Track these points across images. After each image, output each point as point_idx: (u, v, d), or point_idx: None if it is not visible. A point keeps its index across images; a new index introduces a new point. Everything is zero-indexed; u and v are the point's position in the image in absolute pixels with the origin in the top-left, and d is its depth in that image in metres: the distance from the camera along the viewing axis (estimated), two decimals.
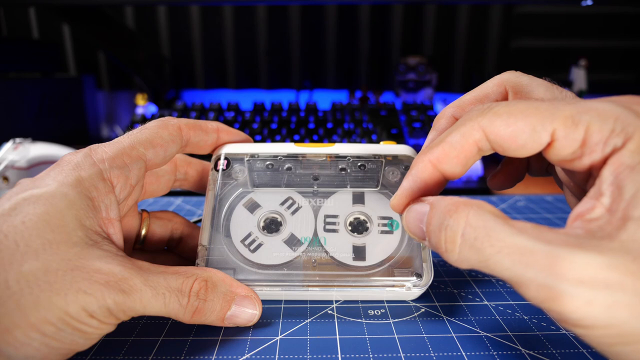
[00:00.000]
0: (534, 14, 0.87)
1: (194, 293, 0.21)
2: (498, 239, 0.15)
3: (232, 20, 0.89)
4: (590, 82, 0.71)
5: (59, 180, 0.20)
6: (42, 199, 0.19)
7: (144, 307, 0.19)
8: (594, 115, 0.16)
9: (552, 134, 0.16)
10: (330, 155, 0.27)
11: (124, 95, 0.95)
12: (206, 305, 0.21)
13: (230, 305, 0.22)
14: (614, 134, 0.16)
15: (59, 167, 0.21)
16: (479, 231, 0.16)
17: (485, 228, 0.16)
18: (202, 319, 0.21)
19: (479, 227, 0.16)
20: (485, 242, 0.16)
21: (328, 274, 0.24)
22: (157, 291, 0.19)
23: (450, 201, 0.17)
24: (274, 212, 0.26)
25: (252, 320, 0.23)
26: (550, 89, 0.21)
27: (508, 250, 0.15)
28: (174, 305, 0.20)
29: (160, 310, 0.19)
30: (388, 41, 0.90)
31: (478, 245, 0.16)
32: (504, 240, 0.15)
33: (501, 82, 0.23)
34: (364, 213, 0.26)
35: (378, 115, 0.60)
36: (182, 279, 0.20)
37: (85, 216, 0.19)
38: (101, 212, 0.21)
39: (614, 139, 0.16)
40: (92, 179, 0.21)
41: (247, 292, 0.23)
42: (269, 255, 0.25)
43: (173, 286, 0.20)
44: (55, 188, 0.19)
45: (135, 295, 0.18)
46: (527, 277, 0.15)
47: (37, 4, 0.80)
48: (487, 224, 0.16)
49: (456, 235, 0.16)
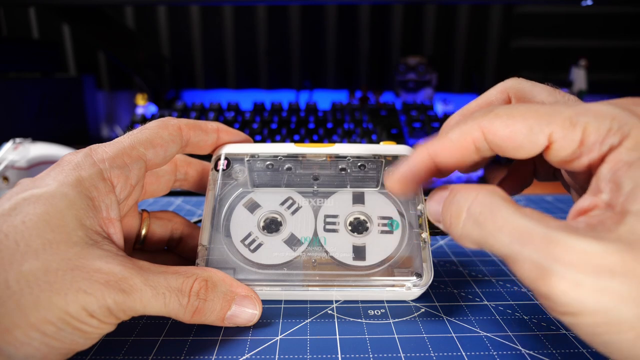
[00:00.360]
0: (534, 14, 0.87)
1: (194, 293, 0.21)
2: (501, 216, 0.16)
3: (232, 20, 0.89)
4: (590, 82, 0.71)
5: (59, 180, 0.20)
6: (42, 198, 0.19)
7: (144, 306, 0.19)
8: (591, 116, 0.16)
9: (550, 135, 0.17)
10: (330, 156, 0.27)
11: (124, 95, 0.95)
12: (206, 305, 0.21)
13: (231, 305, 0.22)
14: (610, 132, 0.16)
15: (59, 167, 0.21)
16: (484, 207, 0.17)
17: (491, 205, 0.17)
18: (202, 319, 0.21)
19: (485, 204, 0.17)
20: (489, 218, 0.16)
21: (328, 273, 0.24)
22: (157, 291, 0.19)
23: (467, 185, 0.18)
24: (274, 212, 0.26)
25: (252, 320, 0.23)
26: (552, 93, 0.22)
27: (509, 228, 0.16)
28: (174, 305, 0.20)
29: (160, 310, 0.19)
30: (388, 41, 0.90)
31: (481, 220, 0.17)
32: (506, 219, 0.16)
33: (504, 89, 0.23)
34: (363, 213, 0.26)
35: (378, 115, 0.60)
36: (182, 278, 0.20)
37: (85, 216, 0.19)
38: (101, 212, 0.21)
39: (610, 138, 0.16)
40: (93, 179, 0.21)
41: (247, 292, 0.23)
42: (269, 255, 0.25)
43: (173, 286, 0.20)
44: (55, 188, 0.19)
45: (136, 295, 0.18)
46: (523, 255, 0.15)
47: (37, 4, 0.80)
48: (493, 202, 0.17)
49: (462, 210, 0.17)
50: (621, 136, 0.16)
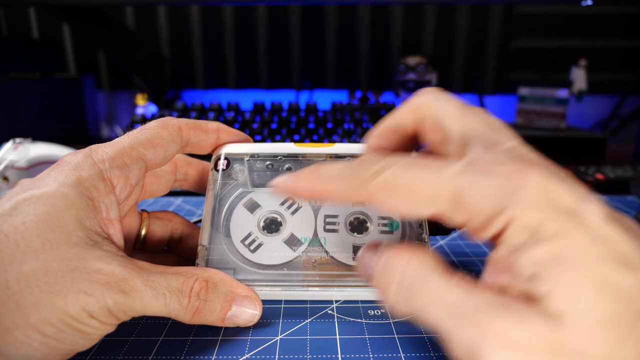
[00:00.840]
0: (534, 14, 0.87)
1: (194, 293, 0.20)
2: (432, 289, 0.15)
3: (232, 20, 0.89)
4: (590, 82, 0.71)
5: (59, 181, 0.20)
6: (42, 199, 0.19)
7: (144, 307, 0.19)
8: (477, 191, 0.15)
9: (435, 214, 0.16)
10: (330, 155, 0.27)
11: (124, 95, 0.95)
12: (207, 306, 0.21)
13: (231, 306, 0.22)
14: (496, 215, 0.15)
15: (59, 167, 0.21)
16: (415, 280, 0.16)
17: (422, 277, 0.16)
18: (203, 319, 0.21)
19: (416, 276, 0.16)
20: (420, 290, 0.16)
21: (328, 274, 0.24)
22: (157, 291, 0.19)
23: (396, 247, 0.17)
24: (274, 212, 0.26)
25: (253, 320, 0.23)
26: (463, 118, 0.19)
27: (441, 303, 0.15)
28: (175, 306, 0.20)
29: (160, 310, 0.19)
30: (388, 41, 0.90)
31: (413, 293, 0.16)
32: (437, 291, 0.15)
33: (415, 109, 0.21)
34: (363, 213, 0.26)
35: (378, 115, 0.60)
36: (182, 279, 0.20)
37: (85, 216, 0.19)
38: (101, 212, 0.20)
39: (496, 222, 0.15)
40: (93, 179, 0.21)
41: (248, 292, 0.23)
42: (269, 255, 0.25)
43: (173, 286, 0.20)
44: (55, 188, 0.19)
45: (136, 296, 0.18)
46: (457, 334, 0.14)
47: (37, 4, 0.80)
48: (424, 273, 0.16)
49: (393, 280, 0.17)
50: (507, 220, 0.15)
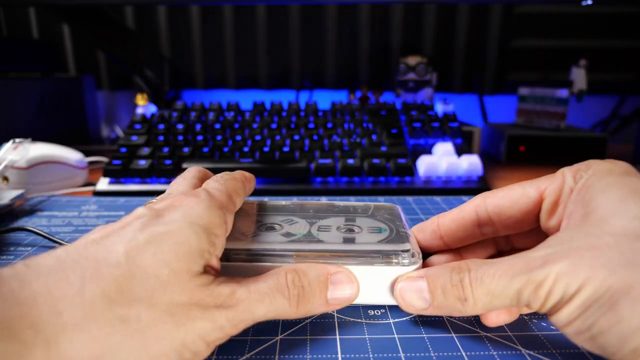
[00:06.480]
0: (534, 14, 0.87)
1: (290, 282, 0.21)
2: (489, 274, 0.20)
3: (232, 20, 0.89)
4: (590, 82, 0.71)
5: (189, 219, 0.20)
6: (172, 234, 0.19)
7: (252, 314, 0.20)
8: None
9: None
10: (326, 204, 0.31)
11: (124, 95, 0.95)
12: (306, 291, 0.21)
13: (327, 285, 0.22)
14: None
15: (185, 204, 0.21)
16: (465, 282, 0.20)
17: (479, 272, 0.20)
18: (308, 307, 0.21)
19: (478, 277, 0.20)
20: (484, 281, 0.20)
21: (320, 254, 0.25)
22: (261, 295, 0.20)
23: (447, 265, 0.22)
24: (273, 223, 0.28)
25: (353, 291, 0.23)
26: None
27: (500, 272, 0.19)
28: (280, 301, 0.20)
29: (268, 311, 0.20)
30: (388, 41, 0.90)
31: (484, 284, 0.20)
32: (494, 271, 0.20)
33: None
34: (355, 225, 0.28)
35: (378, 115, 0.60)
36: (274, 276, 0.21)
37: (207, 251, 0.20)
38: (217, 250, 0.21)
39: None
40: (218, 221, 0.21)
41: (337, 268, 0.23)
42: (264, 242, 0.25)
43: (272, 285, 0.21)
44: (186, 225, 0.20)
45: (244, 306, 0.19)
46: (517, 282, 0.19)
47: (37, 4, 0.80)
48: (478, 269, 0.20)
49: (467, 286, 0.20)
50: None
